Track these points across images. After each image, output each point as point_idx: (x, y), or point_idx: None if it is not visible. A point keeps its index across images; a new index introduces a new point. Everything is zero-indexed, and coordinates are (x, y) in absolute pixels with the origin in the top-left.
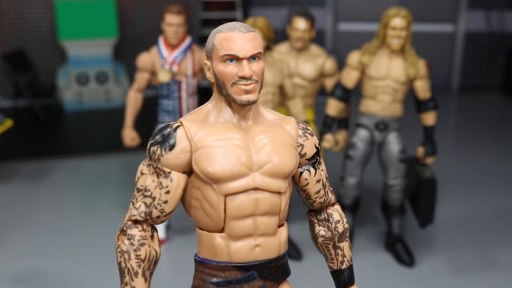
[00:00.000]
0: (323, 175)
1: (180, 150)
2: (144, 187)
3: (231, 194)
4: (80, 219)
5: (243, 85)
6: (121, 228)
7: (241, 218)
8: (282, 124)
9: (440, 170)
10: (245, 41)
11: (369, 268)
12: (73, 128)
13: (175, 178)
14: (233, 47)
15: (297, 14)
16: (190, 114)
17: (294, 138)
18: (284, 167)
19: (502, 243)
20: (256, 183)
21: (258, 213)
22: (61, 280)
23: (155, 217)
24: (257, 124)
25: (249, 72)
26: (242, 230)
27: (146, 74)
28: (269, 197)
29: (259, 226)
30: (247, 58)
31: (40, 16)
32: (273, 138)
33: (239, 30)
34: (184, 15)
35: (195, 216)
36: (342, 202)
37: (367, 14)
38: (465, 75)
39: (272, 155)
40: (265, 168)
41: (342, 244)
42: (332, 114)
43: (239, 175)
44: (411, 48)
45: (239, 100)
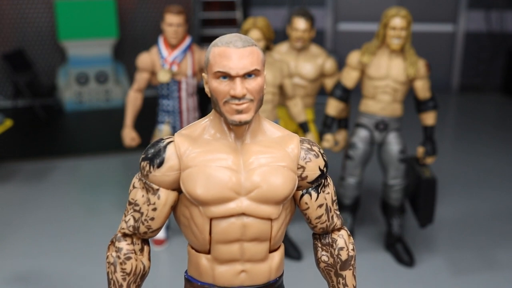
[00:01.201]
0: (329, 198)
1: (168, 168)
2: (134, 201)
3: (217, 218)
4: (80, 219)
5: (235, 105)
6: (112, 239)
7: (227, 242)
8: (284, 143)
9: (440, 170)
10: (240, 57)
11: (369, 268)
12: (73, 128)
13: (162, 195)
14: (226, 64)
15: (297, 14)
16: (186, 129)
17: (294, 159)
18: (276, 193)
19: (502, 243)
20: (243, 209)
21: (245, 239)
22: (61, 280)
23: (142, 232)
24: (254, 143)
25: (241, 91)
26: (227, 255)
27: (146, 74)
28: (258, 223)
29: (246, 251)
30: (240, 76)
31: (40, 16)
32: (269, 160)
33: (234, 45)
34: (184, 15)
35: (184, 233)
36: (342, 202)
37: (367, 14)
38: (465, 75)
39: (264, 178)
40: (254, 193)
41: (345, 272)
42: (332, 114)
43: (226, 199)
44: (411, 48)
45: (230, 119)
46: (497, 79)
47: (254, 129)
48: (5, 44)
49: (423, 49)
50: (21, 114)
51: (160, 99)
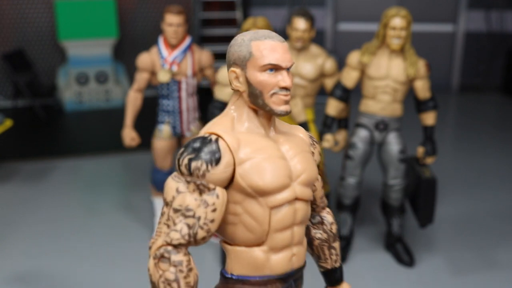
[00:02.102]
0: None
1: (225, 164)
2: (184, 207)
3: (275, 207)
4: (80, 219)
5: (284, 96)
6: (159, 255)
7: (282, 229)
8: (295, 132)
9: (440, 170)
10: (285, 51)
11: (369, 268)
12: (73, 128)
13: (220, 194)
14: (277, 57)
15: (297, 14)
16: (217, 125)
17: (308, 145)
18: (313, 175)
19: (502, 243)
20: (296, 194)
21: (296, 223)
22: (61, 280)
23: (201, 238)
24: (278, 134)
25: (291, 82)
26: (282, 242)
27: (146, 74)
28: (304, 206)
29: (295, 235)
30: (287, 68)
31: (40, 16)
32: (298, 147)
33: (278, 39)
34: (184, 15)
35: (232, 232)
36: (342, 202)
37: (367, 14)
38: (465, 75)
39: (305, 164)
40: (302, 177)
41: (336, 244)
42: (332, 114)
43: (285, 187)
44: (411, 48)
45: (278, 110)
46: (497, 79)
47: (275, 122)
48: (5, 44)
49: (423, 49)
50: (21, 114)
51: (160, 99)
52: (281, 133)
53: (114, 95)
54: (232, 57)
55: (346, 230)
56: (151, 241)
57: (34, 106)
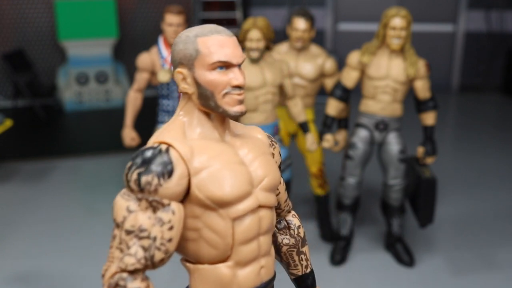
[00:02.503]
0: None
1: (179, 176)
2: (137, 228)
3: (238, 218)
4: (80, 219)
5: (237, 95)
6: (113, 283)
7: (248, 241)
8: (252, 133)
9: (440, 170)
10: (235, 46)
11: (369, 268)
12: (73, 128)
13: (176, 210)
14: (227, 53)
15: (297, 14)
16: (166, 133)
17: (267, 147)
18: (276, 179)
19: (502, 243)
20: (259, 201)
21: (262, 233)
22: (61, 280)
23: (158, 260)
24: (234, 138)
25: (243, 80)
26: (249, 255)
27: (146, 74)
28: (269, 213)
29: (262, 246)
30: (239, 65)
31: (40, 16)
32: (257, 150)
33: (225, 33)
34: (184, 15)
35: (193, 250)
36: (342, 202)
37: (367, 14)
38: (465, 75)
39: (266, 168)
40: (264, 183)
41: (305, 248)
42: (332, 114)
43: (247, 195)
44: (411, 48)
45: (232, 111)
46: (497, 79)
47: (230, 124)
48: (5, 44)
49: (423, 49)
50: (21, 114)
51: (160, 99)
52: (237, 136)
53: (114, 95)
54: (177, 56)
55: (346, 230)
56: (103, 268)
57: (34, 106)
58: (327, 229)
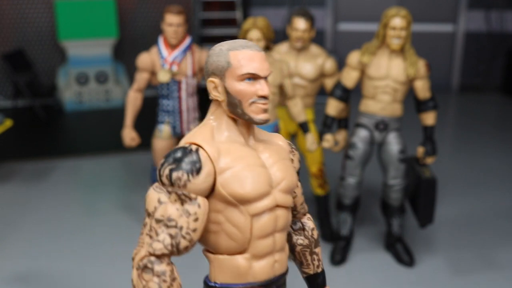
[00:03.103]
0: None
1: (206, 174)
2: (166, 217)
3: (257, 214)
4: (80, 219)
5: (262, 104)
6: (142, 265)
7: (264, 236)
8: (274, 140)
9: (440, 170)
10: (262, 60)
11: (369, 268)
12: (73, 128)
13: (202, 203)
14: (255, 66)
15: (297, 14)
16: (197, 135)
17: (288, 153)
18: (293, 182)
19: (502, 243)
20: (277, 201)
21: (277, 230)
22: (61, 280)
23: (183, 247)
24: (257, 143)
25: (268, 91)
26: (264, 249)
27: (146, 74)
28: (285, 213)
29: (277, 242)
30: (265, 77)
31: (40, 16)
32: (277, 155)
33: (255, 48)
34: (184, 15)
35: (214, 241)
36: (342, 202)
37: (367, 14)
38: (465, 75)
39: (285, 171)
40: (282, 185)
41: (317, 249)
42: (332, 114)
43: (265, 194)
44: (410, 48)
45: (257, 119)
46: (497, 79)
47: (255, 129)
48: (5, 44)
49: (423, 49)
50: (21, 114)
51: (160, 99)
52: (260, 141)
53: (114, 95)
54: (210, 67)
55: (346, 230)
56: (134, 252)
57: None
58: (327, 229)
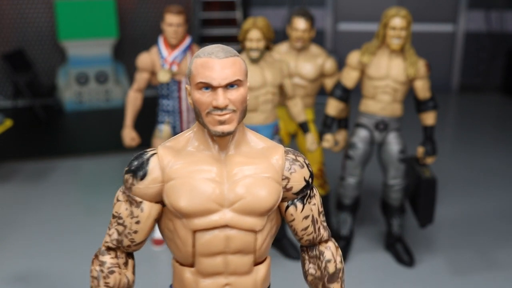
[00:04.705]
0: (315, 210)
1: (151, 180)
2: (118, 214)
3: (200, 230)
4: (80, 219)
5: (217, 116)
6: (96, 253)
7: (210, 255)
8: (269, 154)
9: (440, 170)
10: (222, 68)
11: (369, 268)
12: (73, 128)
13: (145, 208)
14: (208, 74)
15: (297, 14)
16: (170, 141)
17: (278, 170)
18: (260, 204)
19: (502, 243)
20: (226, 221)
21: (229, 251)
22: (61, 280)
23: (126, 246)
24: (238, 154)
25: (223, 101)
26: (211, 268)
27: (146, 74)
28: (242, 235)
29: (230, 264)
30: (222, 87)
31: (40, 16)
32: (253, 171)
33: (216, 55)
34: (184, 15)
35: (169, 246)
36: (342, 202)
37: (367, 14)
38: (465, 75)
39: (250, 189)
40: (238, 204)
41: (333, 285)
42: (332, 114)
43: (209, 211)
44: (410, 48)
45: (213, 130)
46: (497, 79)
47: (238, 140)
48: (5, 44)
49: (423, 49)
50: (21, 114)
51: (160, 99)
52: (243, 153)
53: (114, 95)
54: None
55: (346, 230)
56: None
57: (34, 106)
58: None
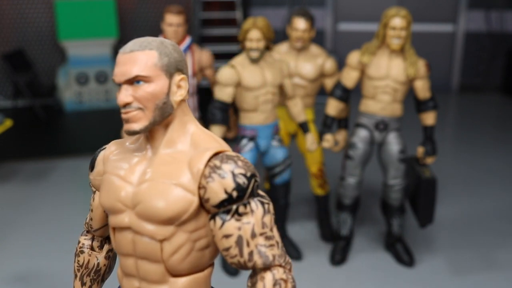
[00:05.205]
0: (246, 230)
1: (96, 173)
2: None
3: (115, 228)
4: (80, 219)
5: (123, 113)
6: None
7: (124, 255)
8: (196, 158)
9: (440, 170)
10: (123, 63)
11: (369, 268)
12: (73, 128)
13: (96, 198)
14: (115, 70)
15: (297, 14)
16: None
17: (195, 178)
18: (155, 212)
19: (502, 243)
20: (130, 223)
21: (137, 255)
22: (61, 280)
23: (91, 230)
24: (162, 155)
25: (121, 99)
26: (126, 268)
27: None
28: (146, 241)
29: (140, 269)
30: (125, 83)
31: (40, 16)
32: (159, 175)
33: (123, 50)
34: (184, 15)
35: None
36: (342, 202)
37: (367, 14)
38: (465, 75)
39: (146, 194)
40: (137, 208)
41: None
42: (332, 114)
43: (116, 211)
44: (410, 48)
45: (125, 130)
46: (497, 79)
47: (170, 140)
48: (5, 44)
49: (423, 49)
50: (21, 114)
51: None
52: (164, 155)
53: (114, 95)
54: None
55: (346, 230)
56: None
57: (34, 106)
58: (327, 229)
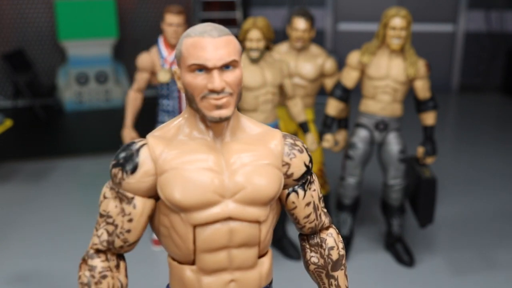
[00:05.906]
0: (315, 196)
1: (143, 174)
2: (106, 213)
3: (201, 225)
4: (80, 219)
5: (214, 100)
6: (83, 257)
7: (213, 251)
8: (267, 139)
9: (440, 170)
10: (217, 47)
11: (369, 268)
12: (73, 128)
13: (138, 204)
14: (202, 55)
15: (297, 14)
16: (158, 130)
17: (278, 156)
18: (263, 193)
19: (502, 243)
20: (229, 212)
21: (233, 245)
22: (61, 280)
23: (118, 247)
24: (235, 141)
25: (220, 84)
26: (214, 264)
27: (146, 74)
28: (246, 227)
29: (235, 259)
30: (217, 68)
31: (40, 16)
32: (252, 158)
33: (209, 34)
34: (184, 15)
35: (165, 245)
36: (342, 202)
37: (367, 14)
38: (465, 75)
39: (250, 178)
40: (240, 194)
41: (337, 273)
42: (332, 114)
43: (209, 204)
44: (410, 48)
45: (209, 116)
46: (497, 79)
47: (234, 126)
48: (5, 44)
49: (423, 49)
50: (21, 114)
51: (160, 99)
52: (240, 140)
53: (114, 95)
54: (175, 55)
55: (346, 230)
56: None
57: (34, 106)
58: None
